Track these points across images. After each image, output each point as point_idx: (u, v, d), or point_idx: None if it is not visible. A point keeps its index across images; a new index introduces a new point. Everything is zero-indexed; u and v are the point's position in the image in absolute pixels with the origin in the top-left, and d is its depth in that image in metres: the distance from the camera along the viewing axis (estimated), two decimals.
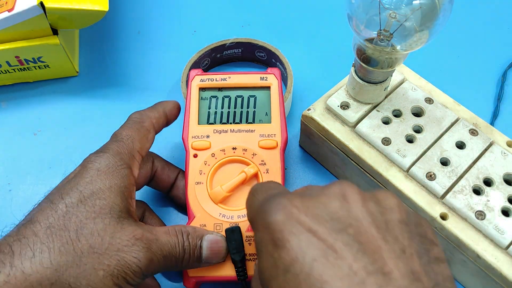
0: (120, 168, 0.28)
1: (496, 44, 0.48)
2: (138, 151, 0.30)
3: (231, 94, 0.36)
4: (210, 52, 0.44)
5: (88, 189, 0.27)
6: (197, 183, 0.33)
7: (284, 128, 0.35)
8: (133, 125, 0.31)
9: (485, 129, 0.35)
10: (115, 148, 0.29)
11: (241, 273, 0.30)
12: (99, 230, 0.25)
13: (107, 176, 0.27)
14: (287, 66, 0.42)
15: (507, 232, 0.30)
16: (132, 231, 0.26)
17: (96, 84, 0.46)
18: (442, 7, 0.29)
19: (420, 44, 0.30)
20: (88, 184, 0.27)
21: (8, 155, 0.41)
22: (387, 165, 0.34)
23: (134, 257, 0.25)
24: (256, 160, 0.34)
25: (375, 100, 0.35)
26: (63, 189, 0.27)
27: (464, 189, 0.32)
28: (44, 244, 0.24)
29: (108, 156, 0.28)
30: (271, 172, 0.33)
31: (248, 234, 0.31)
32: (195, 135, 0.35)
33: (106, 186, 0.27)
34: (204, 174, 0.33)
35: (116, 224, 0.26)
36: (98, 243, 0.25)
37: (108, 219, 0.26)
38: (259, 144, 0.34)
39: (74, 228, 0.25)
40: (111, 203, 0.26)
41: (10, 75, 0.44)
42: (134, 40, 0.49)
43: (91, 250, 0.25)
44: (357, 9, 0.30)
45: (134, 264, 0.25)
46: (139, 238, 0.26)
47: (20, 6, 0.38)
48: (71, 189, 0.27)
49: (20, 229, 0.25)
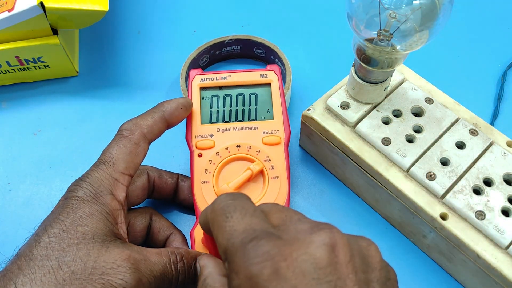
0: (99, 196, 0.27)
1: (496, 44, 0.48)
2: (122, 172, 0.29)
3: (232, 93, 0.36)
4: (209, 49, 0.44)
5: (70, 218, 0.26)
6: (203, 182, 0.33)
7: (287, 124, 0.35)
8: (120, 141, 0.30)
9: (485, 129, 0.35)
10: (95, 174, 0.28)
11: None
12: (82, 256, 0.25)
13: (87, 204, 0.27)
14: (286, 63, 0.42)
15: (507, 232, 0.30)
16: (118, 252, 0.26)
17: (96, 84, 0.46)
18: (442, 7, 0.29)
19: (420, 44, 0.30)
20: (69, 214, 0.26)
21: (8, 155, 0.41)
22: (387, 165, 0.34)
23: (120, 279, 0.25)
24: (260, 157, 0.34)
25: (375, 100, 0.35)
26: (47, 221, 0.27)
27: (464, 189, 0.32)
28: (26, 276, 0.24)
29: (87, 184, 0.28)
30: (276, 168, 0.34)
31: None
32: (198, 134, 0.35)
33: (86, 214, 0.26)
34: (209, 173, 0.33)
35: (101, 248, 0.25)
36: (80, 269, 0.24)
37: (91, 244, 0.25)
38: (263, 141, 0.34)
39: (55, 257, 0.25)
40: (93, 229, 0.26)
41: (10, 75, 0.44)
42: (134, 40, 0.49)
43: (73, 276, 0.24)
44: (357, 9, 0.30)
45: (120, 286, 0.24)
46: (125, 259, 0.25)
47: (20, 6, 0.38)
48: (54, 220, 0.26)
49: (7, 265, 0.25)
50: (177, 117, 0.33)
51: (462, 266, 0.33)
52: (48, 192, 0.39)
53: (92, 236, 0.26)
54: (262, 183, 0.33)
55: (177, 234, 0.33)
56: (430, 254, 0.35)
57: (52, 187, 0.40)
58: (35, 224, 0.27)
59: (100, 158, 0.30)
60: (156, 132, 0.32)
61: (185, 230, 0.35)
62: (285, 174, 0.34)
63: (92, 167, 0.29)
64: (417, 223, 0.34)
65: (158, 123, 0.32)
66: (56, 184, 0.40)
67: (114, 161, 0.29)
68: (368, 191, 0.37)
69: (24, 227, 0.37)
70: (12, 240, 0.36)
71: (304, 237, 0.21)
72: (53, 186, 0.40)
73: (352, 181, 0.38)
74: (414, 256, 0.36)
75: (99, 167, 0.29)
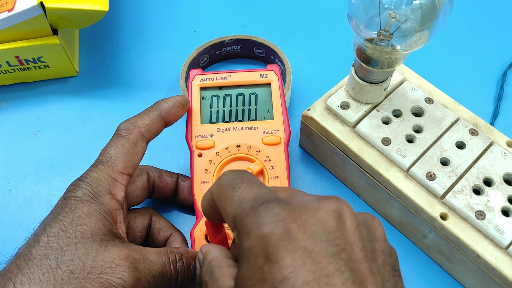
0: (98, 196, 0.28)
1: (496, 44, 0.48)
2: (120, 172, 0.29)
3: (232, 93, 0.36)
4: (209, 48, 0.44)
5: (68, 218, 0.26)
6: (203, 182, 0.33)
7: (286, 124, 0.35)
8: (118, 141, 0.30)
9: (485, 129, 0.35)
10: (94, 174, 0.28)
11: None
12: (80, 255, 0.25)
13: (85, 204, 0.27)
14: (286, 63, 0.42)
15: (507, 232, 0.30)
16: (116, 252, 0.26)
17: (96, 84, 0.46)
18: (442, 7, 0.29)
19: (420, 44, 0.30)
20: (67, 213, 0.27)
21: (8, 155, 0.41)
22: (387, 165, 0.34)
23: (119, 278, 0.25)
24: (260, 157, 0.34)
25: (375, 100, 0.35)
26: (46, 221, 0.27)
27: (464, 189, 0.32)
28: (25, 275, 0.24)
29: (86, 184, 0.28)
30: (276, 168, 0.34)
31: None
32: (198, 134, 0.35)
33: (85, 213, 0.26)
34: (209, 173, 0.33)
35: (99, 247, 0.25)
36: (79, 268, 0.25)
37: (90, 243, 0.25)
38: (263, 141, 0.34)
39: (54, 256, 0.25)
40: (92, 228, 0.26)
41: (10, 75, 0.44)
42: (134, 40, 0.49)
43: (71, 276, 0.24)
44: (357, 9, 0.30)
45: (119, 285, 0.25)
46: (124, 258, 0.25)
47: (20, 6, 0.38)
48: (53, 220, 0.27)
49: (6, 265, 0.25)
50: (175, 115, 0.33)
51: (462, 266, 0.33)
52: (48, 192, 0.39)
53: (91, 236, 0.26)
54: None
55: (177, 234, 0.33)
56: (430, 254, 0.35)
57: (52, 187, 0.40)
58: (35, 224, 0.27)
59: (99, 158, 0.30)
60: (154, 131, 0.32)
61: (185, 230, 0.35)
62: (285, 174, 0.34)
63: (91, 167, 0.29)
64: (417, 223, 0.34)
65: (155, 121, 0.31)
66: (56, 184, 0.40)
67: (113, 161, 0.29)
68: (368, 191, 0.37)
69: (24, 227, 0.37)
70: (12, 240, 0.36)
71: (312, 204, 0.21)
72: (53, 186, 0.40)
73: (352, 181, 0.38)
74: (414, 256, 0.36)
75: (98, 167, 0.29)
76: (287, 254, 0.19)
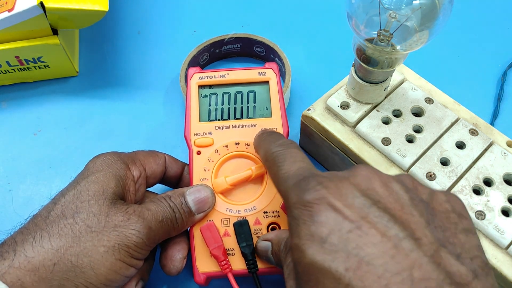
0: (116, 162, 0.30)
1: (496, 44, 0.48)
2: (140, 160, 0.32)
3: (230, 90, 0.36)
4: (209, 47, 0.44)
5: (84, 181, 0.29)
6: (202, 180, 0.33)
7: (285, 122, 0.35)
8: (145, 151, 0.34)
9: (485, 129, 0.35)
10: (116, 152, 0.31)
11: (251, 265, 0.30)
12: (95, 212, 0.27)
13: (102, 167, 0.30)
14: (286, 61, 0.42)
15: (507, 232, 0.30)
16: (125, 209, 0.28)
17: (96, 84, 0.46)
18: (442, 7, 0.29)
19: (420, 44, 0.30)
20: (83, 175, 0.29)
21: (8, 155, 0.41)
22: (387, 165, 0.34)
23: (132, 229, 0.27)
24: None
25: (375, 100, 0.36)
26: (65, 188, 0.29)
27: (464, 189, 0.32)
28: (44, 230, 0.26)
29: (106, 154, 0.31)
30: None
31: (256, 228, 0.32)
32: (197, 132, 0.35)
33: (100, 173, 0.29)
34: (208, 171, 0.33)
35: (110, 205, 0.28)
36: (95, 223, 0.27)
37: (102, 200, 0.28)
38: None
39: (71, 214, 0.27)
40: (104, 187, 0.28)
41: (10, 75, 0.44)
42: (134, 40, 0.49)
43: (88, 229, 0.27)
44: (357, 9, 0.30)
45: (134, 235, 0.27)
46: (133, 213, 0.28)
47: (20, 6, 0.38)
48: (71, 185, 0.29)
49: (23, 225, 0.28)
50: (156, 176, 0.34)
51: None
52: (48, 192, 0.39)
53: (103, 193, 0.28)
54: (260, 182, 0.33)
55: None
56: None
57: (52, 187, 0.40)
58: None
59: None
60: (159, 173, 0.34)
61: None
62: None
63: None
64: None
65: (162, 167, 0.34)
66: (56, 184, 0.40)
67: (136, 153, 0.33)
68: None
69: None
70: None
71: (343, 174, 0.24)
72: (53, 186, 0.40)
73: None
74: None
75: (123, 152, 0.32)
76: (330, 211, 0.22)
